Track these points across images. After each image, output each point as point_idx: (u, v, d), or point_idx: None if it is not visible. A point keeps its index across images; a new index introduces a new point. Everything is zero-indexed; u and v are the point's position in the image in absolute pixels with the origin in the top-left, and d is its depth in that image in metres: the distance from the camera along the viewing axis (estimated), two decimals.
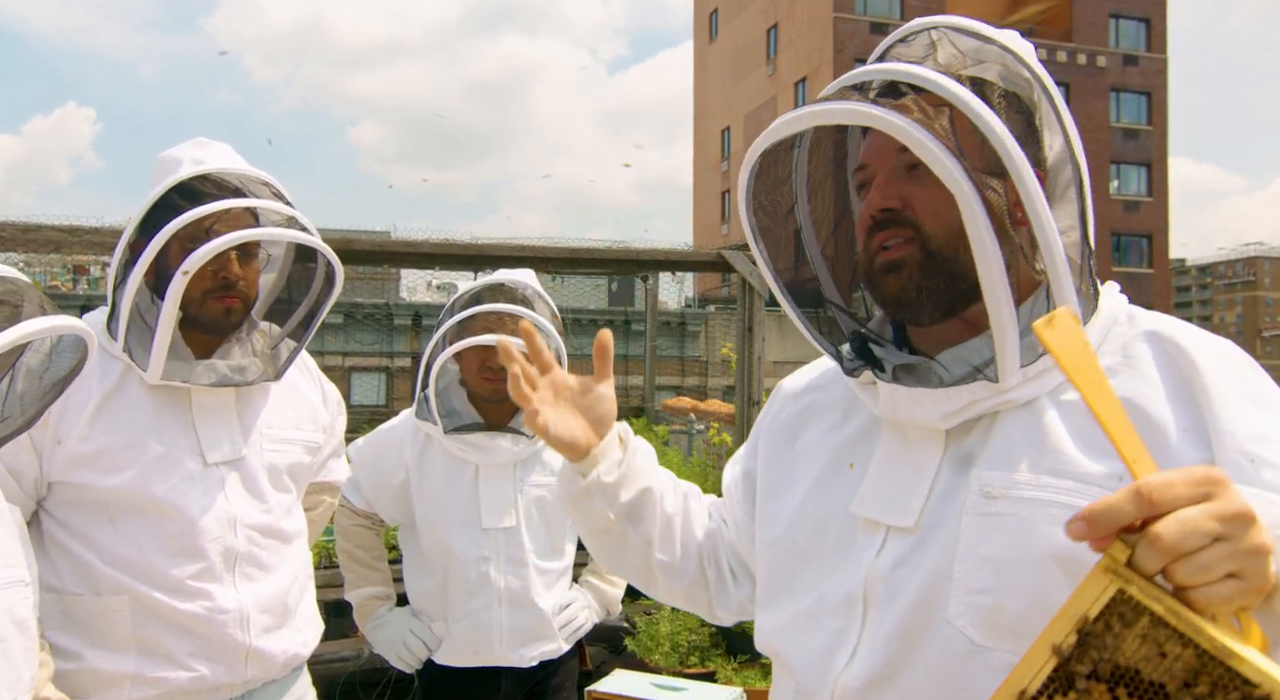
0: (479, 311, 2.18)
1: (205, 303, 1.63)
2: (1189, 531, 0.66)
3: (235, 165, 1.67)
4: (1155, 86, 34.75)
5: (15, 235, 3.23)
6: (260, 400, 1.77)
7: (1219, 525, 0.67)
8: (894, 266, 0.97)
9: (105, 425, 1.59)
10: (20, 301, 1.04)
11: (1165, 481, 0.68)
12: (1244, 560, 0.67)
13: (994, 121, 0.88)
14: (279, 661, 1.72)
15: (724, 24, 40.88)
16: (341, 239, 3.75)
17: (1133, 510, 0.68)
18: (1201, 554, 0.67)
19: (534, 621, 2.24)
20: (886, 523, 0.99)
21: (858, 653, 0.96)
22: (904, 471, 1.00)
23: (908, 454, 1.00)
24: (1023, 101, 0.96)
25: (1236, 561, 0.67)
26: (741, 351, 4.38)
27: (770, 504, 1.15)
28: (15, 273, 1.07)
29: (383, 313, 15.73)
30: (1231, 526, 0.67)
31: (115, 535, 1.59)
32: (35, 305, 1.05)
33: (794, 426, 1.18)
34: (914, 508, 0.97)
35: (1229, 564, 0.67)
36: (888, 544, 0.98)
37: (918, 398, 0.97)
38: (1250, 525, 0.67)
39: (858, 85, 0.97)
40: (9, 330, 1.00)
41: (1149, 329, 0.95)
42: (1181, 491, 0.68)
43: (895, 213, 0.97)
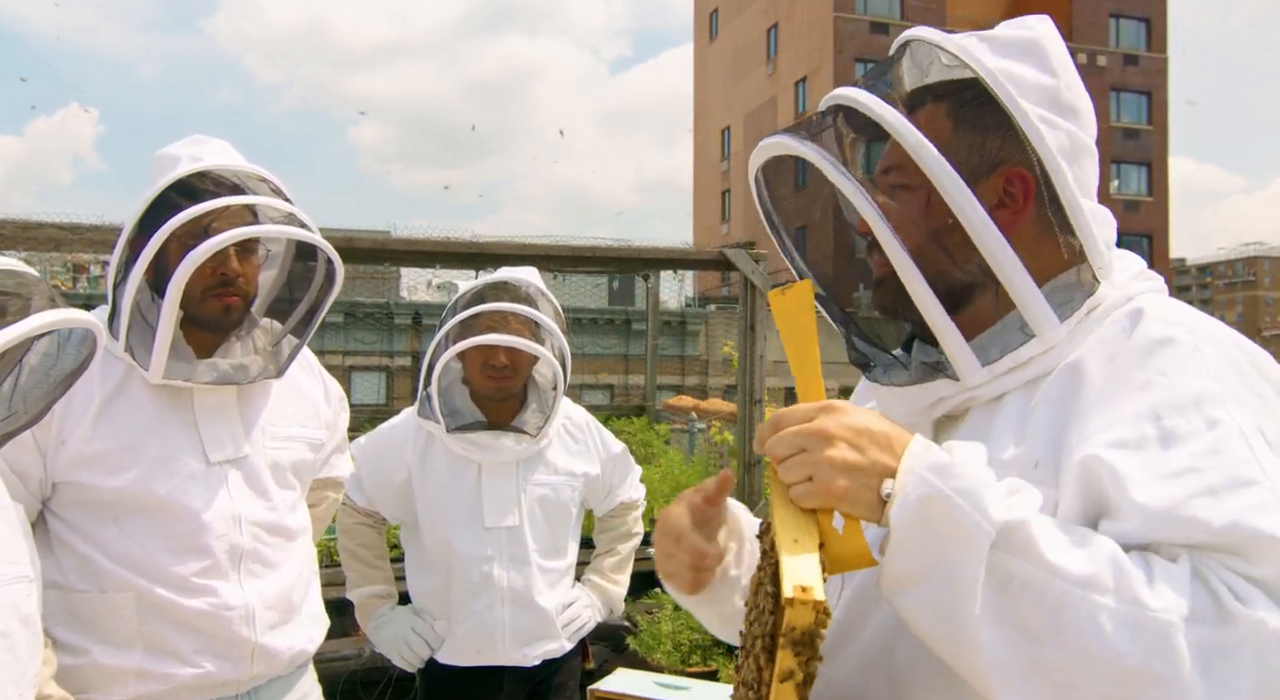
0: (483, 310, 2.17)
1: (205, 300, 1.63)
2: (778, 441, 0.88)
3: (233, 162, 1.66)
4: (1155, 86, 34.76)
5: (15, 233, 3.22)
6: (262, 398, 1.77)
7: (801, 439, 0.87)
8: (879, 282, 1.04)
9: (108, 426, 1.58)
10: (30, 295, 1.03)
11: (791, 408, 0.90)
12: (814, 468, 0.86)
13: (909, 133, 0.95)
14: (285, 658, 1.71)
15: (724, 24, 40.87)
16: (343, 237, 3.75)
17: (769, 427, 0.90)
18: (790, 460, 0.87)
19: (537, 621, 2.24)
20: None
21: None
22: None
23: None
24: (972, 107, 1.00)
25: (810, 469, 0.86)
26: (743, 350, 4.37)
27: None
28: (24, 267, 1.06)
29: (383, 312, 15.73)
30: (810, 441, 0.86)
31: (120, 534, 1.58)
32: (45, 298, 1.05)
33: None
34: None
35: (805, 470, 0.86)
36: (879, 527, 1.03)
37: (893, 394, 1.04)
38: (825, 443, 0.85)
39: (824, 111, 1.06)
40: (19, 323, 0.99)
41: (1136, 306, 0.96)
42: (796, 415, 0.89)
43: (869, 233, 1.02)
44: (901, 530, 0.82)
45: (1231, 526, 0.76)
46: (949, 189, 0.94)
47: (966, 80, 0.99)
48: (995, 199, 0.98)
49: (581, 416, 2.47)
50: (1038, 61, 1.01)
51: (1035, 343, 0.96)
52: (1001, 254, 0.95)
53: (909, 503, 0.81)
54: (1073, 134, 1.00)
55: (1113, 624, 0.74)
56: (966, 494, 0.79)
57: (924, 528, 0.81)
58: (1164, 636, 0.73)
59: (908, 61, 1.04)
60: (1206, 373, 0.86)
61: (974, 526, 0.78)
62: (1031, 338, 0.96)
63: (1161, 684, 0.73)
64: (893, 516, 0.83)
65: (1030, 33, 1.03)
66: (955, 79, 1.00)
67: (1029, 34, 1.03)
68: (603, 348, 15.70)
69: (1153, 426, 0.83)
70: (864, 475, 0.85)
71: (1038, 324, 0.96)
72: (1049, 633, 0.76)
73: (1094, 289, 0.98)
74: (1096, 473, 0.83)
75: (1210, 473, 0.79)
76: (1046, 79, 1.00)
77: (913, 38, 1.05)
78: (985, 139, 0.98)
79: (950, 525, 0.79)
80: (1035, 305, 0.96)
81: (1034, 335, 0.96)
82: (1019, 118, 0.96)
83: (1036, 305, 0.96)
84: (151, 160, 1.68)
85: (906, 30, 1.08)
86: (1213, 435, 0.81)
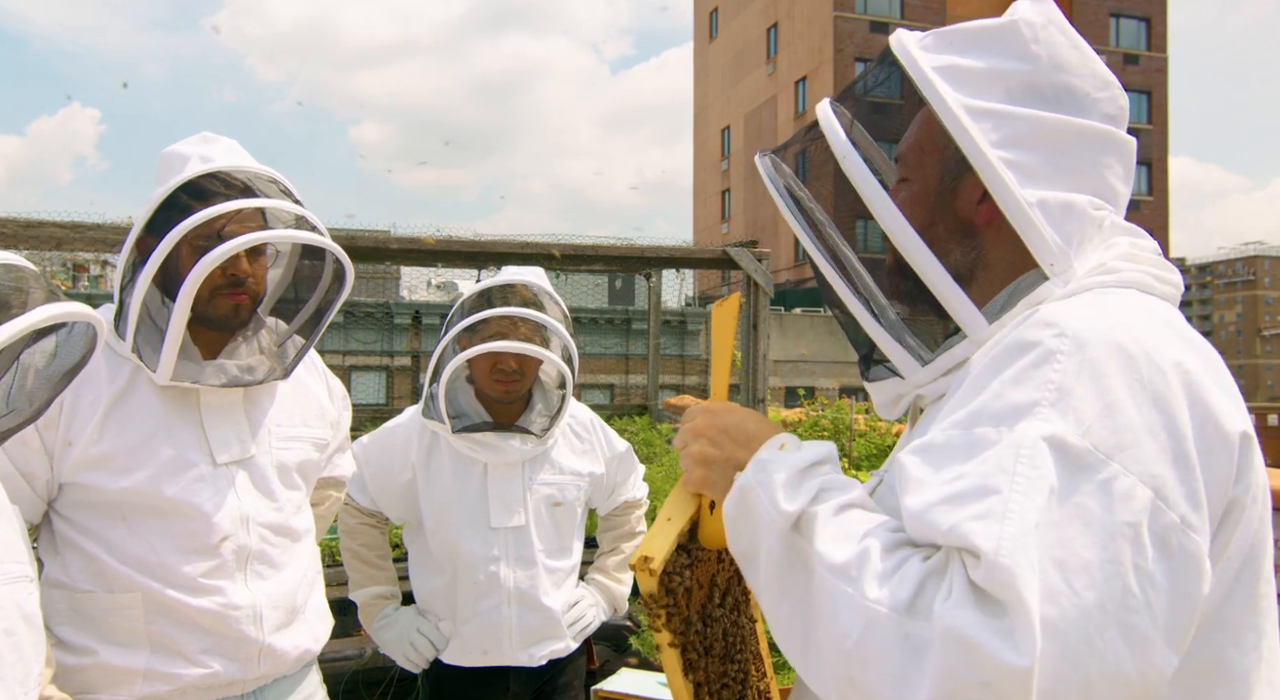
0: (491, 315, 2.15)
1: (214, 300, 1.62)
2: (680, 437, 1.08)
3: (243, 162, 1.65)
4: (1155, 85, 34.76)
5: (17, 231, 3.20)
6: (268, 398, 1.76)
7: (690, 436, 1.06)
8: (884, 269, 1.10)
9: (116, 427, 1.57)
10: (29, 289, 1.02)
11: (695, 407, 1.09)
12: (685, 461, 1.06)
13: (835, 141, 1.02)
14: (291, 657, 1.71)
15: (724, 23, 40.85)
16: (345, 236, 3.74)
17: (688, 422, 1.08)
18: (681, 451, 1.07)
19: (543, 621, 2.23)
20: None
21: None
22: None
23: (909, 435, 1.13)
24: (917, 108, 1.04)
25: (685, 461, 1.06)
26: (746, 349, 4.36)
27: None
28: (22, 261, 1.05)
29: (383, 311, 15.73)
30: (684, 437, 1.07)
31: (127, 534, 1.57)
32: (45, 292, 1.03)
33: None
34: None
35: (684, 461, 1.06)
36: None
37: (870, 390, 1.14)
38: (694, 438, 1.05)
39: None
40: (20, 318, 0.98)
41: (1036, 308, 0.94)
42: (688, 413, 1.09)
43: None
44: (727, 514, 0.97)
45: (951, 531, 0.80)
46: (864, 192, 1.00)
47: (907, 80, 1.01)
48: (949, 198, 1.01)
49: (586, 415, 2.46)
50: (1007, 48, 0.99)
51: (967, 343, 0.99)
52: (919, 255, 0.98)
53: (734, 491, 0.96)
54: (1039, 120, 0.96)
55: (842, 609, 0.83)
56: (765, 486, 0.93)
57: (741, 514, 0.95)
58: (872, 624, 0.80)
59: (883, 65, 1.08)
60: (1045, 383, 0.83)
61: (765, 512, 0.92)
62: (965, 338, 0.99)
63: (869, 665, 0.80)
64: (725, 503, 0.97)
65: (1008, 19, 1.01)
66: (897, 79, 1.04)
67: (1005, 20, 1.01)
68: (603, 347, 15.70)
69: (961, 434, 0.85)
70: (719, 467, 1.02)
71: (965, 324, 0.99)
72: (813, 613, 0.86)
73: (1034, 287, 0.97)
74: (899, 471, 0.89)
75: (967, 481, 0.81)
76: (1015, 65, 0.98)
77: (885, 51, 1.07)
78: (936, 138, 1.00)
79: (755, 511, 0.93)
80: (957, 304, 0.98)
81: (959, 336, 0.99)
82: (941, 113, 0.97)
83: (958, 304, 0.98)
84: (159, 158, 1.66)
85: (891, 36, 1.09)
86: (997, 447, 0.82)
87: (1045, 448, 0.80)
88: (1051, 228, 0.96)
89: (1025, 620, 0.73)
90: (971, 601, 0.76)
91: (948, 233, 1.01)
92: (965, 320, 0.98)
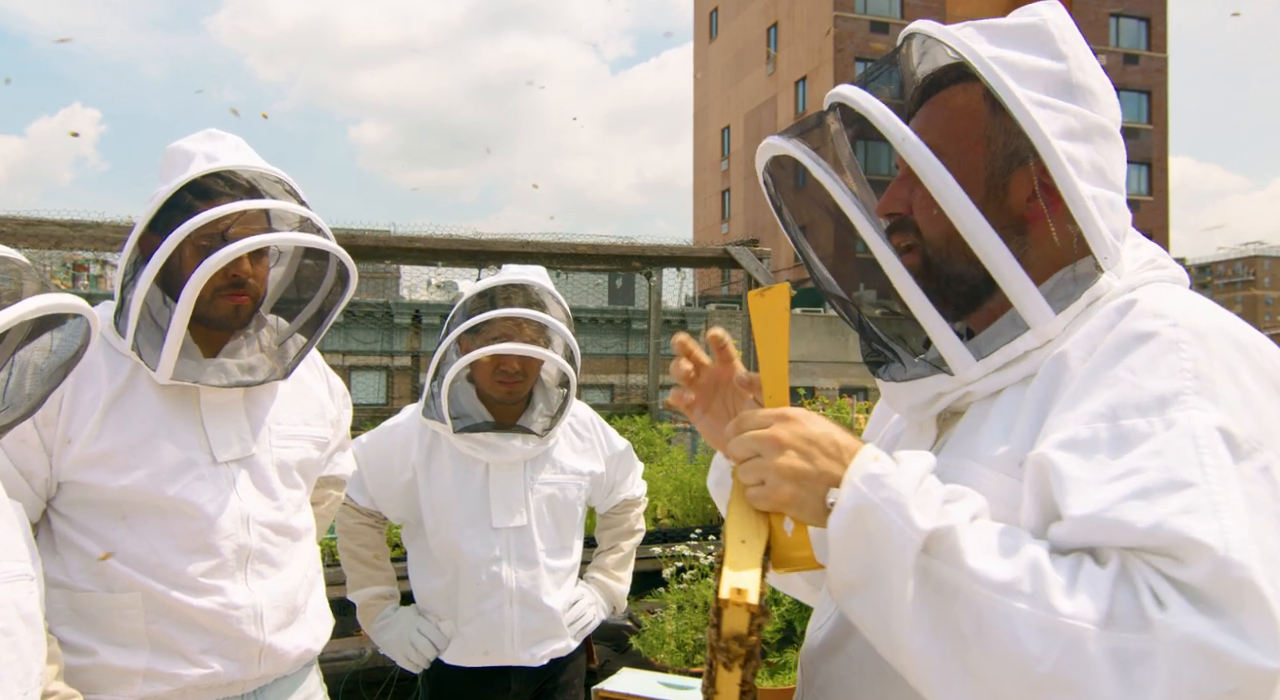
0: (495, 316, 2.14)
1: (215, 300, 1.61)
2: (737, 444, 0.93)
3: (249, 161, 1.64)
4: (1155, 85, 34.76)
5: (16, 230, 3.20)
6: (268, 397, 1.75)
7: (755, 445, 0.91)
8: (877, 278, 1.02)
9: (115, 425, 1.57)
10: (21, 280, 1.01)
11: (752, 412, 0.95)
12: (765, 473, 0.90)
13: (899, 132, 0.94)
14: (292, 657, 1.70)
15: (724, 23, 40.85)
16: (345, 235, 3.73)
17: (732, 430, 0.95)
18: (746, 464, 0.92)
19: (545, 621, 2.22)
20: None
21: (827, 621, 1.08)
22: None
23: (916, 440, 1.09)
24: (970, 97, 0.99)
25: (762, 473, 0.91)
26: (746, 348, 4.36)
27: None
28: (14, 253, 1.04)
29: (382, 311, 15.72)
30: (763, 447, 0.91)
31: (128, 533, 1.57)
32: (37, 284, 1.03)
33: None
34: None
35: (757, 474, 0.91)
36: None
37: (894, 391, 1.06)
38: (776, 450, 0.90)
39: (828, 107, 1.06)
40: (11, 308, 0.97)
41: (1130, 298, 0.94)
42: (756, 420, 0.93)
43: (901, 217, 1.01)
44: (838, 538, 0.85)
45: (1155, 528, 0.74)
46: (933, 181, 0.94)
47: (963, 70, 0.98)
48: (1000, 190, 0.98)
49: (587, 414, 2.46)
50: (1040, 46, 0.99)
51: (1029, 336, 0.95)
52: (990, 246, 0.94)
53: (844, 511, 0.85)
54: (1083, 116, 0.97)
55: (1027, 630, 0.75)
56: (893, 504, 0.82)
57: (857, 536, 0.84)
58: (1074, 643, 0.73)
59: (910, 55, 1.04)
60: (1180, 371, 0.83)
61: (899, 534, 0.81)
62: (1025, 331, 0.95)
63: (1074, 690, 0.73)
64: (830, 525, 0.86)
65: (1034, 18, 1.01)
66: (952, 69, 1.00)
67: (1032, 19, 1.01)
68: (603, 347, 15.70)
69: (1107, 427, 0.82)
70: (811, 483, 0.89)
71: (1031, 317, 0.95)
72: (974, 637, 0.77)
73: (1094, 280, 0.96)
74: (1044, 472, 0.83)
75: (1149, 474, 0.77)
76: (1050, 63, 0.98)
77: (914, 31, 1.04)
78: (984, 128, 0.98)
79: (880, 533, 0.82)
80: (1026, 297, 0.94)
81: (1028, 328, 0.95)
82: (1010, 103, 0.95)
83: (1028, 297, 0.94)
84: (163, 155, 1.64)
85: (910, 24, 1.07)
86: (1164, 437, 0.79)
87: (1218, 436, 0.79)
88: (1104, 222, 0.96)
89: (1266, 618, 0.69)
90: (1193, 605, 0.72)
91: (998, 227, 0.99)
92: (1033, 313, 0.94)
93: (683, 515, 4.76)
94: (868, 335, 1.09)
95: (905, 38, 1.06)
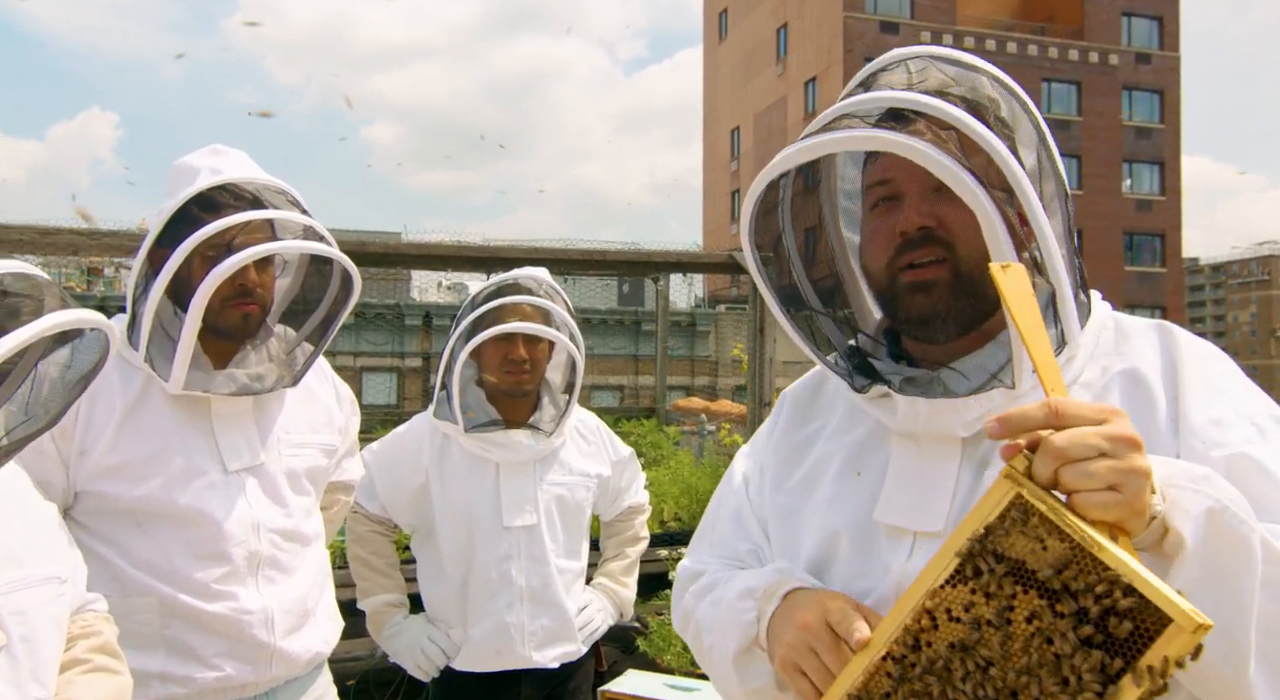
0: (501, 303, 2.19)
1: (224, 310, 1.65)
2: (1077, 442, 0.77)
3: (252, 174, 1.69)
4: (1168, 84, 34.54)
5: (34, 238, 3.26)
6: (277, 406, 1.79)
7: (1106, 443, 0.77)
8: (924, 286, 1.00)
9: (130, 436, 1.61)
10: (42, 296, 1.04)
11: (1073, 401, 0.80)
12: (1123, 476, 0.76)
13: (1000, 146, 0.91)
14: (302, 660, 1.74)
15: (734, 24, 40.82)
16: (355, 241, 3.78)
17: (1040, 417, 0.79)
18: (1087, 463, 0.77)
19: (555, 621, 2.24)
20: (914, 529, 1.01)
21: None
22: (924, 478, 1.02)
23: (924, 461, 1.02)
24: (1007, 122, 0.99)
25: (1117, 476, 0.76)
26: (753, 352, 4.38)
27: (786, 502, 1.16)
28: (35, 270, 1.08)
29: (394, 313, 15.80)
30: (1117, 446, 0.77)
31: (143, 540, 1.61)
32: (57, 300, 1.06)
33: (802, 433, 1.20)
34: (941, 512, 1.00)
35: (1109, 477, 0.76)
36: (916, 549, 1.01)
37: (939, 408, 0.99)
38: (1134, 450, 0.77)
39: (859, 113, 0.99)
40: (33, 323, 1.01)
41: (1156, 322, 1.04)
42: (1084, 412, 0.79)
43: (930, 231, 1.00)
44: (1193, 545, 0.78)
45: None
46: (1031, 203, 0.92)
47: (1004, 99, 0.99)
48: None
49: (592, 420, 2.49)
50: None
51: (1065, 351, 0.97)
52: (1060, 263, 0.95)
53: (1193, 516, 0.78)
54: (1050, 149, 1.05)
55: None
56: (1240, 505, 0.78)
57: (1208, 543, 0.78)
58: None
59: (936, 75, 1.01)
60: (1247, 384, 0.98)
61: (1250, 538, 0.77)
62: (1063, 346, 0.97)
63: None
64: (1185, 532, 0.78)
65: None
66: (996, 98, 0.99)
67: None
68: (612, 349, 15.73)
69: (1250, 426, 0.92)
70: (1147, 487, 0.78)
71: (1073, 333, 0.97)
72: None
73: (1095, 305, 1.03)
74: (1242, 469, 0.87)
75: None
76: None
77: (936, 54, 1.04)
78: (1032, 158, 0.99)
79: (1232, 539, 0.77)
80: (1072, 314, 0.97)
81: (1066, 344, 0.97)
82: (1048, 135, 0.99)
83: (1072, 314, 0.97)
84: (170, 170, 1.70)
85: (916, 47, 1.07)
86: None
87: None
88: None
89: None
90: None
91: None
92: (1074, 330, 0.97)
93: (689, 518, 4.79)
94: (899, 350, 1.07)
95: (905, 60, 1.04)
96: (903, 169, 1.02)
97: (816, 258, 1.14)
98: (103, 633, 1.32)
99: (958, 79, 1.00)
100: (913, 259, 1.01)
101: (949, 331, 1.01)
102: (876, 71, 1.06)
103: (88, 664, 1.26)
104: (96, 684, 1.24)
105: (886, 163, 1.04)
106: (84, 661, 1.26)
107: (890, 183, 1.04)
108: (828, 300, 1.14)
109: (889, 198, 1.05)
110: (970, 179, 0.89)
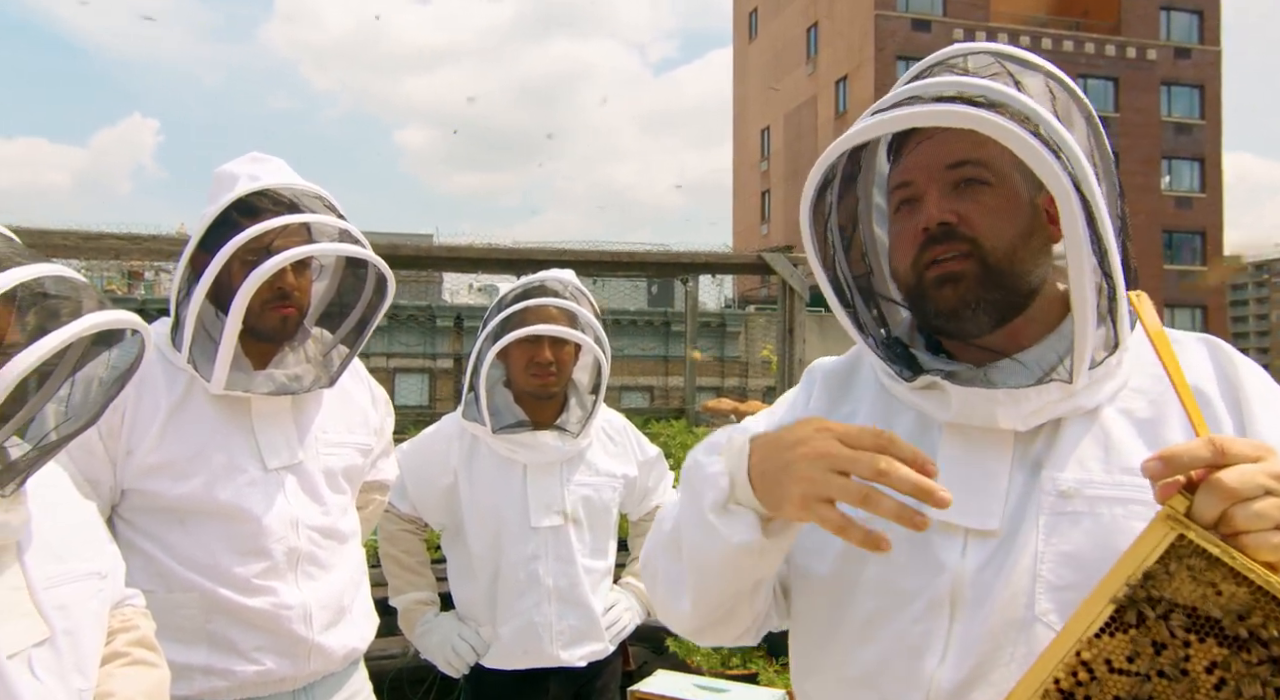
0: (527, 305, 2.22)
1: (263, 313, 1.70)
2: (1246, 480, 0.75)
3: (290, 180, 1.74)
4: (1208, 79, 33.82)
5: (78, 243, 3.36)
6: (315, 406, 1.84)
7: (1273, 482, 0.75)
8: (952, 278, 0.99)
9: (174, 435, 1.67)
10: (80, 298, 1.07)
11: (1232, 438, 0.78)
12: None
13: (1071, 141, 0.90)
14: (339, 656, 1.78)
15: (764, 23, 40.67)
16: (388, 245, 3.83)
17: (1205, 455, 0.77)
18: (1256, 503, 0.75)
19: (583, 620, 2.26)
20: (966, 525, 0.99)
21: (948, 654, 0.97)
22: (974, 475, 1.00)
23: (974, 457, 1.00)
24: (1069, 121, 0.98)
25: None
26: (782, 354, 4.38)
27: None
28: (74, 273, 1.11)
29: (425, 315, 15.96)
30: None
31: (185, 536, 1.66)
32: (95, 301, 1.09)
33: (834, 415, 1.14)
34: (995, 510, 0.98)
35: (1277, 515, 0.75)
36: (970, 547, 0.99)
37: (996, 400, 0.97)
38: None
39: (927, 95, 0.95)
40: (73, 324, 1.04)
41: (1200, 336, 1.03)
42: (1244, 449, 0.77)
43: (951, 227, 1.00)
44: None
45: None
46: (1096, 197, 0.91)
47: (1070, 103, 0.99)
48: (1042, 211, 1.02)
49: (619, 420, 2.51)
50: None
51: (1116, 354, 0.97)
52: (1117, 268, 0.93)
53: None
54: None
55: None
56: None
57: None
58: None
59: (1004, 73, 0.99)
60: None
61: None
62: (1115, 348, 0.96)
63: None
64: None
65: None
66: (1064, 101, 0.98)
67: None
68: (642, 350, 15.76)
69: None
70: None
71: (1124, 334, 0.97)
72: None
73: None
74: None
75: None
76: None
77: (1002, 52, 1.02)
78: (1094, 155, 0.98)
79: None
80: (1124, 315, 0.96)
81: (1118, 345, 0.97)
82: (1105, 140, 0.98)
83: (1124, 315, 0.96)
84: (211, 178, 1.75)
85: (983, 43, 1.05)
86: None
87: None
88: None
89: None
90: None
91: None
92: (1125, 330, 0.97)
93: None
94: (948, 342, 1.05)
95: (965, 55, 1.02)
96: (922, 169, 1.01)
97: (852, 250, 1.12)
98: (141, 627, 1.36)
99: (1018, 74, 0.98)
100: (937, 254, 0.99)
101: (981, 323, 0.99)
102: (933, 64, 1.04)
103: (127, 657, 1.30)
104: (136, 677, 1.27)
105: (908, 164, 1.04)
106: (123, 655, 1.30)
107: (911, 184, 1.04)
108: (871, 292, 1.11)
109: (909, 200, 1.04)
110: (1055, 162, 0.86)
